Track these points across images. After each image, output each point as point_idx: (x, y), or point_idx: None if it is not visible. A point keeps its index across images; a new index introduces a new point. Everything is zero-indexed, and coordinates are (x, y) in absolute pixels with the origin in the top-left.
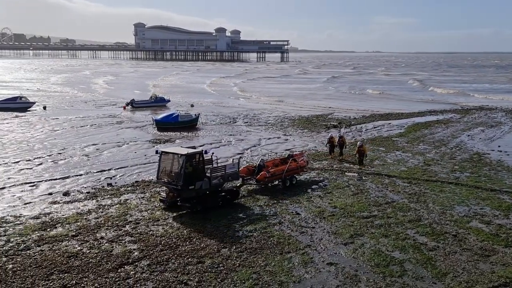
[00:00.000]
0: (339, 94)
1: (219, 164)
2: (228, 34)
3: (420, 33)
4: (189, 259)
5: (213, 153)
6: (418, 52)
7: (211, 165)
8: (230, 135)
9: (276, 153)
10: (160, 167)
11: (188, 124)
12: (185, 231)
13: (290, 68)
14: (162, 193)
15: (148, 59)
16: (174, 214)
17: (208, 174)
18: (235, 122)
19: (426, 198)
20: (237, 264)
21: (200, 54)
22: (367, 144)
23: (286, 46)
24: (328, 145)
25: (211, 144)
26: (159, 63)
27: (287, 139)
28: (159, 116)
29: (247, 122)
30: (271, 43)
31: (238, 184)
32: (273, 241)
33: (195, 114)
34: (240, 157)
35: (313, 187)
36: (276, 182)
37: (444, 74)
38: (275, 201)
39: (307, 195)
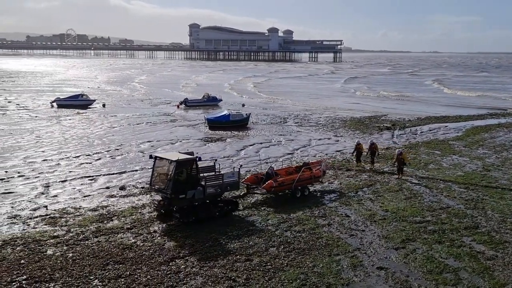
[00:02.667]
0: (346, 94)
1: (221, 173)
2: (280, 34)
3: (483, 32)
4: (238, 256)
5: (215, 160)
6: (480, 52)
7: (213, 173)
8: (280, 135)
9: (289, 159)
10: (153, 172)
11: (239, 124)
12: (234, 229)
13: (327, 67)
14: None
15: (201, 59)
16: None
17: (202, 183)
18: (286, 122)
19: (484, 204)
20: (285, 264)
21: (252, 54)
22: (421, 147)
23: (339, 46)
24: (354, 152)
25: (261, 143)
26: (207, 63)
27: (337, 140)
28: (211, 115)
29: (297, 123)
30: (324, 43)
31: (241, 194)
32: (321, 243)
33: (246, 114)
34: (288, 158)
35: (364, 189)
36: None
37: (475, 75)
38: (324, 204)
39: (358, 197)
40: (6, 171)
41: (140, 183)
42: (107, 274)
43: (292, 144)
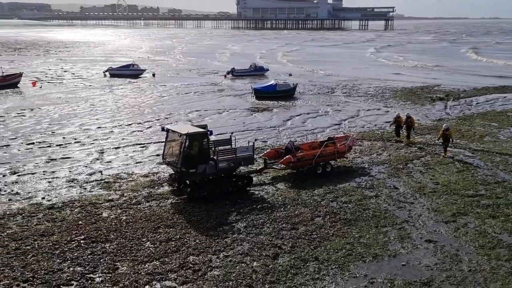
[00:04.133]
0: (367, 62)
1: (235, 147)
2: (329, 1)
3: None
4: (283, 225)
5: (232, 134)
6: None
7: (229, 147)
8: (328, 105)
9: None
10: (165, 145)
11: (286, 93)
12: (280, 198)
13: (370, 35)
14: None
15: (248, 28)
16: (270, 180)
17: (215, 157)
18: (333, 93)
19: None
20: (331, 234)
21: (300, 22)
22: (477, 119)
23: (391, 13)
24: (393, 125)
25: (308, 114)
26: (250, 32)
27: (387, 111)
28: (258, 85)
29: (346, 93)
30: (375, 10)
31: (257, 169)
32: (368, 214)
33: (293, 84)
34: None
35: (414, 161)
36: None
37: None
38: (372, 175)
39: (407, 169)
40: (63, 137)
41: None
42: (158, 237)
43: (340, 115)
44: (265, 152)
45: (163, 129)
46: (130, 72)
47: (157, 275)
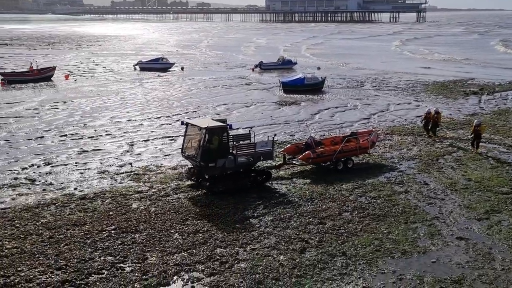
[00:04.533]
0: (392, 55)
1: (254, 142)
2: None
3: None
4: (310, 219)
5: (251, 129)
6: None
7: (245, 142)
8: (357, 99)
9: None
10: (185, 139)
11: (314, 87)
12: (307, 192)
13: (399, 27)
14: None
15: (277, 21)
16: (297, 175)
17: (234, 152)
18: (363, 86)
19: None
20: (359, 229)
21: (329, 15)
22: None
23: (423, 5)
24: (423, 121)
25: (336, 107)
26: (278, 25)
27: (418, 105)
28: (286, 78)
29: (375, 86)
30: (406, 1)
31: (276, 164)
32: (397, 210)
33: (322, 77)
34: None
35: (445, 157)
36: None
37: None
38: (401, 170)
39: (438, 165)
40: (95, 130)
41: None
42: (186, 228)
43: (369, 109)
44: (285, 147)
45: (182, 123)
46: (159, 65)
47: (185, 266)
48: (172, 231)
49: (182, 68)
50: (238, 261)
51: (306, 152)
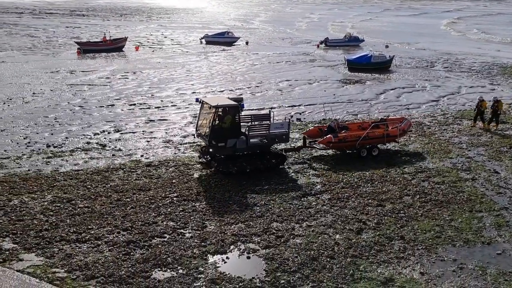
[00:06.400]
0: (434, 32)
1: (268, 123)
2: None
3: None
4: (369, 201)
5: (271, 109)
6: None
7: (258, 123)
8: (426, 80)
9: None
10: (199, 117)
11: (381, 66)
12: (367, 173)
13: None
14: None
15: None
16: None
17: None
18: (433, 67)
19: None
20: (419, 214)
21: None
22: None
23: None
24: (475, 110)
25: (403, 88)
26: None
27: (493, 89)
28: (352, 56)
29: (447, 67)
30: None
31: (295, 146)
32: (462, 197)
33: (390, 56)
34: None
35: None
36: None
37: None
38: (469, 157)
39: (511, 153)
40: (161, 100)
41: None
42: (244, 201)
43: (438, 91)
44: (308, 129)
45: (197, 100)
46: (225, 39)
47: (241, 237)
48: (230, 202)
49: (246, 43)
50: (293, 236)
51: (327, 136)
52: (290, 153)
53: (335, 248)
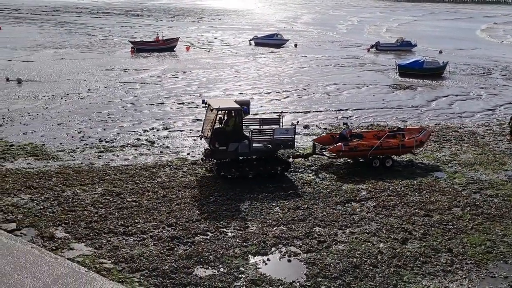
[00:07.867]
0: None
1: (272, 128)
2: None
3: None
4: (416, 210)
5: (281, 113)
6: None
7: (261, 127)
8: (481, 88)
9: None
10: (205, 119)
11: (433, 72)
12: (415, 182)
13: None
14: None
15: (407, 0)
16: (407, 162)
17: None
18: (490, 74)
19: None
20: (469, 227)
21: None
22: None
23: None
24: (511, 123)
25: (456, 95)
26: (398, 4)
27: None
28: (403, 61)
29: (505, 75)
30: None
31: (303, 153)
32: None
33: (443, 62)
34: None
35: None
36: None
37: None
38: None
39: None
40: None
41: (323, 124)
42: (287, 203)
43: (495, 99)
44: (319, 136)
45: (203, 102)
46: (274, 41)
47: (283, 239)
48: (273, 204)
49: (295, 45)
50: (336, 242)
51: (337, 144)
52: (299, 159)
53: (379, 257)
